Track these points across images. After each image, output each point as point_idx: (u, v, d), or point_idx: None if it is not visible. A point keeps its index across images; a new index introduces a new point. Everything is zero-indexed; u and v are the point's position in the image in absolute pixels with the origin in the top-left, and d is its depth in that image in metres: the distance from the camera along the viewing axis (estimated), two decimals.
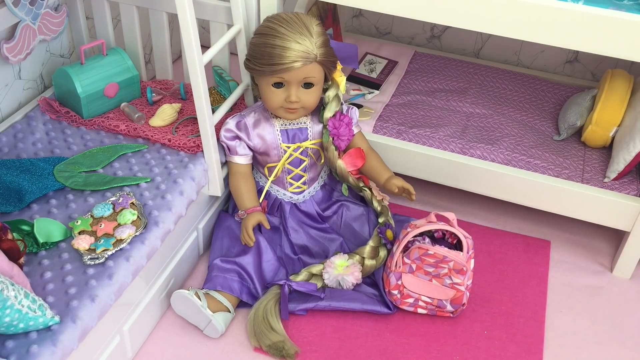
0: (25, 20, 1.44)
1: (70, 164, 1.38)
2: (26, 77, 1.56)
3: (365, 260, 1.44)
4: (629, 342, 1.42)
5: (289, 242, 1.51)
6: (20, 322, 0.98)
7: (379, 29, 2.14)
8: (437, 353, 1.36)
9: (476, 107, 1.77)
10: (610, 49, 1.28)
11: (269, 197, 1.53)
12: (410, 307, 1.41)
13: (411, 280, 1.36)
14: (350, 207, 1.56)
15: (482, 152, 1.60)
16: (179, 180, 1.36)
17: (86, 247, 1.17)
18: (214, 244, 1.49)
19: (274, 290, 1.40)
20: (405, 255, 1.35)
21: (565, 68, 2.00)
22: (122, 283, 1.15)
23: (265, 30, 1.36)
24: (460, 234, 1.34)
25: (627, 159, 1.47)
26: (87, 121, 1.51)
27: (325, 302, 1.40)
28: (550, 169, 1.56)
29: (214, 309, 1.34)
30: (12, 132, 1.46)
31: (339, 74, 1.45)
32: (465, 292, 1.36)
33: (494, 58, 2.05)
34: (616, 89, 1.58)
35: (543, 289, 1.52)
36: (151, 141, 1.48)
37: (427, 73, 1.91)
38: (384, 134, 1.66)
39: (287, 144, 1.47)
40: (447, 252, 1.31)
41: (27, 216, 1.25)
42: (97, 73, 1.51)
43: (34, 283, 1.11)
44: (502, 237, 1.66)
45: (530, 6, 1.29)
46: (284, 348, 1.31)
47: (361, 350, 1.35)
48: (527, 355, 1.36)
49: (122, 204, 1.27)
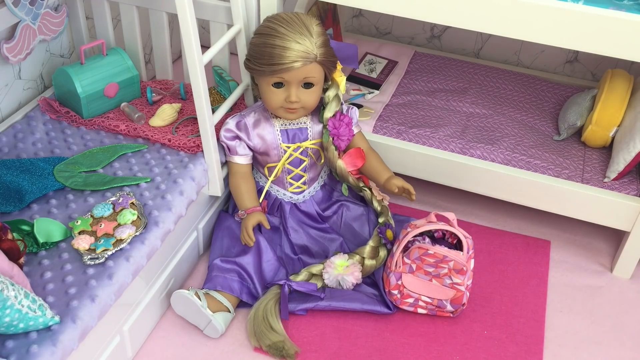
0: (25, 20, 1.44)
1: (70, 164, 1.38)
2: (26, 77, 1.56)
3: (365, 260, 1.44)
4: (629, 342, 1.42)
5: (289, 242, 1.51)
6: (20, 322, 0.98)
7: (379, 29, 2.14)
8: (437, 353, 1.36)
9: (476, 107, 1.77)
10: (610, 49, 1.28)
11: (269, 197, 1.53)
12: (410, 307, 1.41)
13: (411, 280, 1.36)
14: (350, 207, 1.56)
15: (482, 152, 1.60)
16: (179, 180, 1.36)
17: (86, 247, 1.17)
18: (214, 244, 1.49)
19: (273, 290, 1.40)
20: (405, 255, 1.35)
21: (565, 68, 2.00)
22: (122, 283, 1.15)
23: (265, 30, 1.36)
24: (460, 234, 1.34)
25: (627, 159, 1.47)
26: (87, 121, 1.51)
27: (325, 302, 1.40)
28: (550, 169, 1.56)
29: (214, 309, 1.34)
30: (12, 132, 1.46)
31: (339, 74, 1.45)
32: (465, 292, 1.36)
33: (494, 58, 2.05)
34: (616, 89, 1.58)
35: (543, 289, 1.52)
36: (151, 141, 1.48)
37: (427, 73, 1.91)
38: (384, 134, 1.66)
39: (287, 144, 1.47)
40: (447, 251, 1.31)
41: (27, 216, 1.25)
42: (97, 73, 1.51)
43: (34, 283, 1.11)
44: (502, 237, 1.66)
45: (530, 6, 1.29)
46: (284, 348, 1.31)
47: (361, 350, 1.35)
48: (527, 355, 1.36)
49: (122, 204, 1.27)
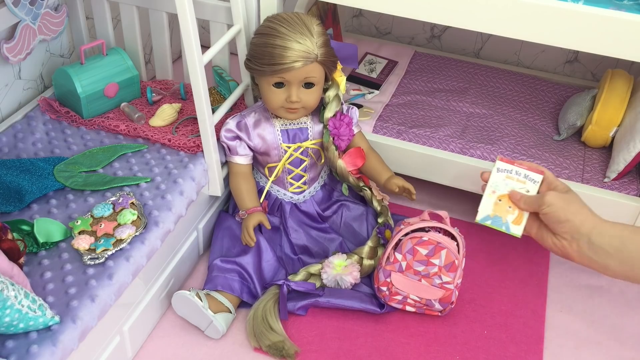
0: (25, 20, 1.44)
1: (70, 164, 1.38)
2: (26, 77, 1.56)
3: (364, 260, 1.44)
4: (629, 342, 1.42)
5: (289, 242, 1.51)
6: (20, 322, 0.98)
7: (379, 29, 2.14)
8: (437, 353, 1.36)
9: (476, 107, 1.77)
10: (610, 49, 1.28)
11: (269, 197, 1.53)
12: (398, 304, 1.41)
13: (400, 279, 1.36)
14: (350, 207, 1.56)
15: (482, 152, 1.60)
16: (179, 180, 1.36)
17: (86, 247, 1.17)
18: (214, 244, 1.49)
19: (272, 290, 1.40)
20: (397, 250, 1.34)
21: (565, 68, 2.00)
22: (122, 283, 1.15)
23: (265, 30, 1.37)
24: (454, 231, 1.34)
25: (627, 159, 1.47)
26: (87, 121, 1.51)
27: (324, 298, 1.40)
28: (550, 169, 1.56)
29: (215, 309, 1.34)
30: (12, 132, 1.46)
31: (339, 74, 1.45)
32: (455, 290, 1.36)
33: (494, 58, 2.05)
34: (616, 89, 1.58)
35: (543, 289, 1.52)
36: (151, 141, 1.48)
37: (427, 73, 1.91)
38: (384, 134, 1.66)
39: (287, 144, 1.47)
40: (441, 237, 1.31)
41: (27, 216, 1.25)
42: (97, 73, 1.51)
43: (34, 283, 1.11)
44: (502, 237, 1.66)
45: (530, 6, 1.29)
46: (283, 348, 1.31)
47: (361, 350, 1.35)
48: (527, 355, 1.36)
49: (122, 204, 1.27)
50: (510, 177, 1.15)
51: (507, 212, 1.14)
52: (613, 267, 1.01)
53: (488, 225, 1.14)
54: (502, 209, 1.14)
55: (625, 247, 1.00)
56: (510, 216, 1.13)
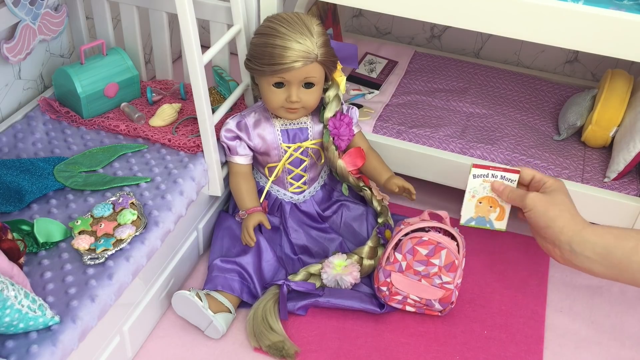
0: (25, 20, 1.44)
1: (70, 164, 1.38)
2: (26, 77, 1.56)
3: (364, 260, 1.44)
4: (629, 342, 1.42)
5: (289, 242, 1.51)
6: (20, 322, 0.98)
7: (379, 29, 2.14)
8: (437, 353, 1.36)
9: (476, 107, 1.77)
10: (610, 49, 1.28)
11: (269, 197, 1.53)
12: (398, 304, 1.41)
13: (400, 279, 1.36)
14: (350, 207, 1.56)
15: (482, 152, 1.60)
16: (179, 180, 1.36)
17: (86, 247, 1.17)
18: (214, 244, 1.49)
19: (272, 290, 1.40)
20: (397, 250, 1.34)
21: (565, 68, 2.00)
22: (122, 283, 1.15)
23: (265, 30, 1.37)
24: (454, 231, 1.34)
25: (627, 159, 1.47)
26: (87, 121, 1.51)
27: (324, 298, 1.40)
28: (550, 169, 1.56)
29: (215, 309, 1.34)
30: (12, 132, 1.46)
31: (339, 74, 1.45)
32: (455, 290, 1.36)
33: (494, 58, 2.05)
34: (616, 89, 1.58)
35: (543, 289, 1.52)
36: (151, 141, 1.48)
37: (427, 73, 1.91)
38: (384, 134, 1.66)
39: (287, 144, 1.47)
40: (440, 237, 1.31)
41: (27, 216, 1.25)
42: (97, 73, 1.51)
43: (34, 283, 1.11)
44: (502, 237, 1.66)
45: (530, 6, 1.29)
46: (283, 348, 1.31)
47: (361, 350, 1.35)
48: (527, 355, 1.36)
49: (122, 204, 1.27)
50: (487, 180, 1.18)
51: (489, 212, 1.18)
52: (599, 272, 1.00)
53: (473, 226, 1.19)
54: (484, 210, 1.18)
55: (611, 254, 0.97)
56: (492, 214, 1.18)
